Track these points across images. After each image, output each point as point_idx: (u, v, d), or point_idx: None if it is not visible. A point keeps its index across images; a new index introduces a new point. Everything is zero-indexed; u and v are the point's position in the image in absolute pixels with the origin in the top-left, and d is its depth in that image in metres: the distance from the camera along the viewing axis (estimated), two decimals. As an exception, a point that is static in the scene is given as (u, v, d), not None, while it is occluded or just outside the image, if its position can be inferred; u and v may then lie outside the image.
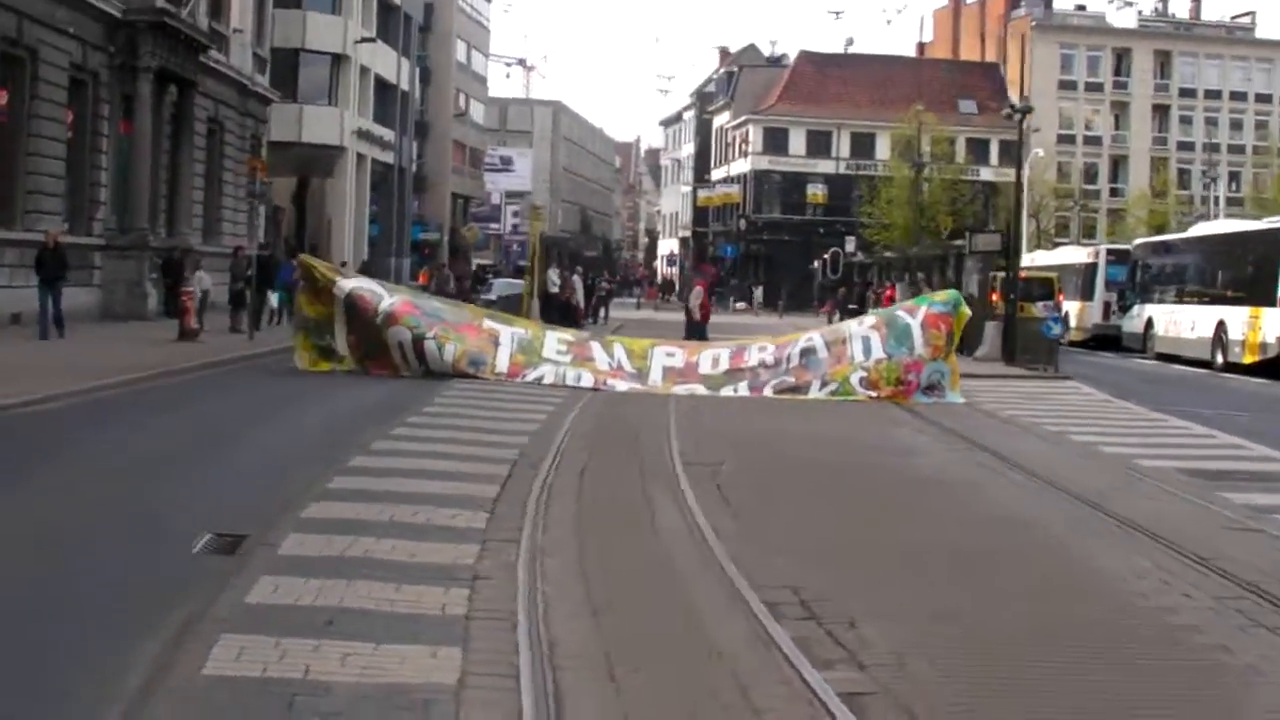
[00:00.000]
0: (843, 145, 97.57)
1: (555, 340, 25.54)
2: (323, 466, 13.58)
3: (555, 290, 46.41)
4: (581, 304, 49.27)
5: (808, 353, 24.82)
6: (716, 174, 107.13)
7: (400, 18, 70.99)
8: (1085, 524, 12.52)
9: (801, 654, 7.61)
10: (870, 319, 26.41)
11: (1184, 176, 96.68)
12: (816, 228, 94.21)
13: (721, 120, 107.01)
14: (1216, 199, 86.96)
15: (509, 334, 25.23)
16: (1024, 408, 24.25)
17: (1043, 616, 9.06)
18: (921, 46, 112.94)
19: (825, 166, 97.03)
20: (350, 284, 25.09)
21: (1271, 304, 33.19)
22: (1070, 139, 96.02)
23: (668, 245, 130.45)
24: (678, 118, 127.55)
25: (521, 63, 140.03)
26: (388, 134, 68.49)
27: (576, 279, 50.54)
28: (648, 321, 53.60)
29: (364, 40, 61.98)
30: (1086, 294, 46.99)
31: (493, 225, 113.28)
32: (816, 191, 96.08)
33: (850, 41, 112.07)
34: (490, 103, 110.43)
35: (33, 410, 17.38)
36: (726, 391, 24.09)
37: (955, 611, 8.98)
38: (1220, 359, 35.81)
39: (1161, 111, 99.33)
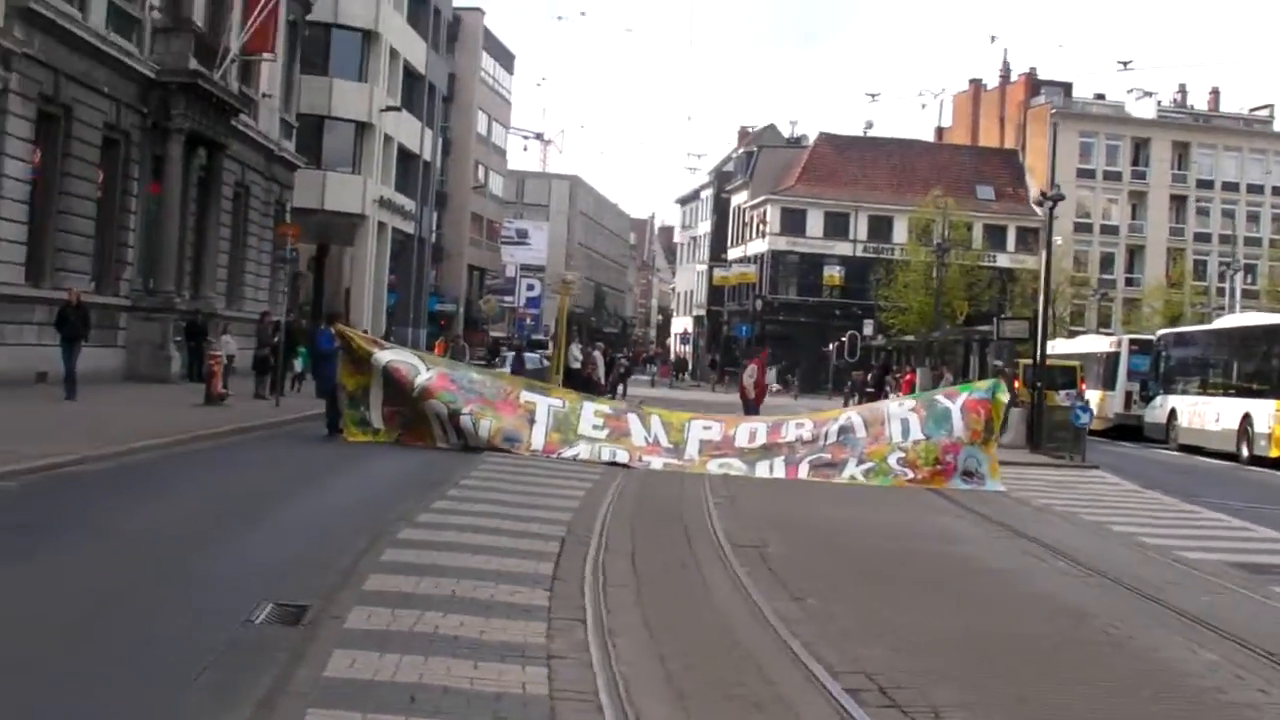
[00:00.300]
0: (860, 227, 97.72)
1: (592, 413, 25.44)
2: (369, 538, 13.45)
3: (577, 366, 46.28)
4: (602, 379, 49.12)
5: (845, 430, 24.74)
6: (733, 253, 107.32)
7: (425, 87, 71.44)
8: (1147, 616, 12.36)
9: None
10: (910, 401, 26.37)
11: (1200, 267, 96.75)
12: (833, 309, 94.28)
13: (739, 199, 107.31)
14: (1233, 291, 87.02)
15: (545, 407, 25.12)
16: (1055, 496, 24.12)
17: (1124, 712, 8.91)
18: (940, 131, 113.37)
19: (842, 248, 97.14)
20: (387, 356, 25.08)
21: (1299, 398, 33.07)
22: (1088, 227, 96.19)
23: (681, 323, 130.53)
24: (695, 196, 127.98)
25: (539, 137, 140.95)
26: (409, 203, 68.75)
27: (598, 354, 50.44)
28: (665, 399, 53.45)
29: (389, 109, 62.31)
30: (1108, 383, 46.89)
31: (506, 298, 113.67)
32: (833, 273, 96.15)
33: (870, 124, 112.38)
34: (508, 175, 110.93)
35: (67, 472, 17.23)
36: (762, 467, 23.99)
37: (1034, 702, 8.84)
38: (1245, 451, 35.63)
39: (1179, 202, 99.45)
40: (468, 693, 7.89)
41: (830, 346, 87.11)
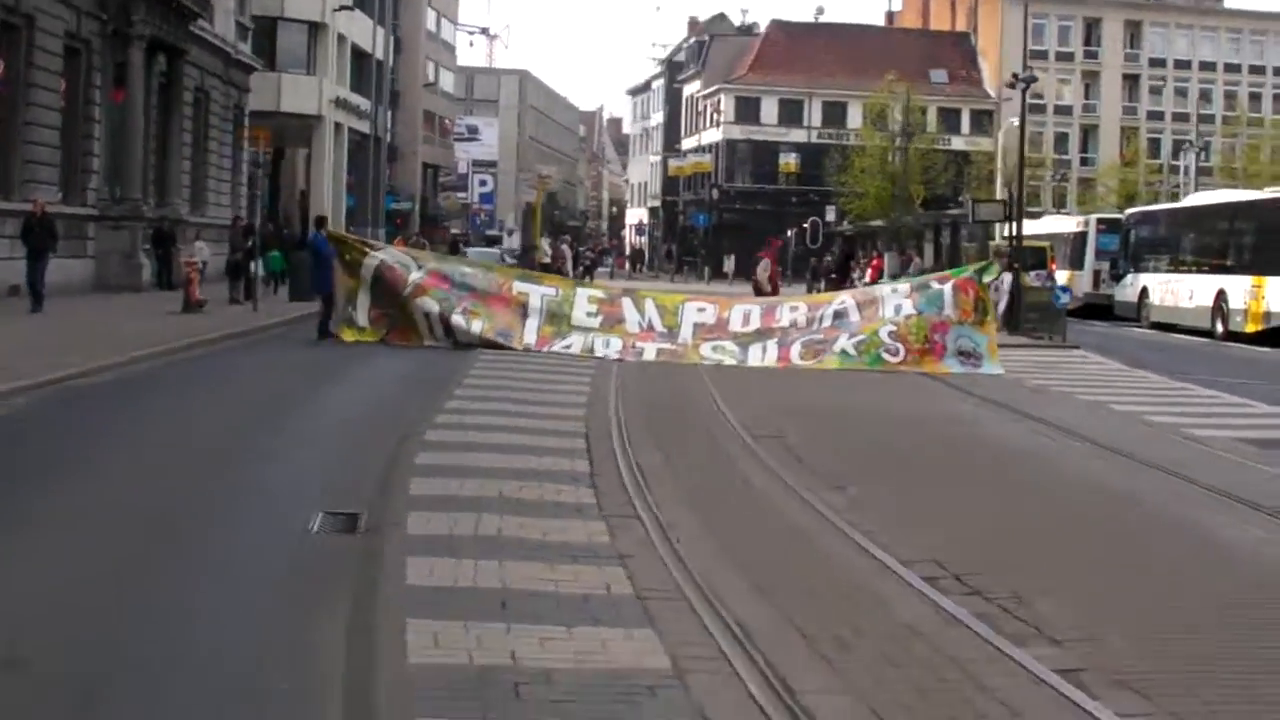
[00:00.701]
0: (814, 114, 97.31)
1: (586, 300, 25.42)
2: (395, 440, 13.38)
3: (547, 260, 46.20)
4: (570, 273, 49.06)
5: (840, 315, 24.78)
6: (687, 143, 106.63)
7: (376, -16, 70.25)
8: (1185, 496, 12.38)
9: (994, 631, 7.44)
10: (904, 286, 26.21)
11: (1154, 146, 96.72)
12: (789, 197, 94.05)
13: (692, 89, 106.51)
14: (1188, 169, 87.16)
15: (538, 297, 25.00)
16: (1046, 377, 24.11)
17: (1208, 594, 8.91)
18: (890, 15, 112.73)
19: (797, 135, 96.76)
20: (380, 256, 25.00)
21: (1276, 273, 33.15)
22: (1041, 108, 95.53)
23: (636, 214, 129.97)
24: (646, 87, 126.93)
25: (485, 31, 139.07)
26: (364, 103, 67.78)
27: (565, 248, 50.36)
28: (630, 290, 53.27)
29: (342, 8, 61.30)
30: (1076, 263, 46.90)
31: (459, 194, 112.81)
32: (789, 160, 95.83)
33: (821, 10, 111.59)
34: (458, 72, 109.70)
35: (72, 386, 16.92)
36: (754, 351, 24.01)
37: (1114, 588, 8.84)
38: (1220, 328, 35.80)
39: (1131, 81, 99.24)
40: (555, 595, 7.80)
41: (789, 234, 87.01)
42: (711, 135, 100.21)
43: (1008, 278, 28.65)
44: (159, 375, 19.08)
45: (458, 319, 24.07)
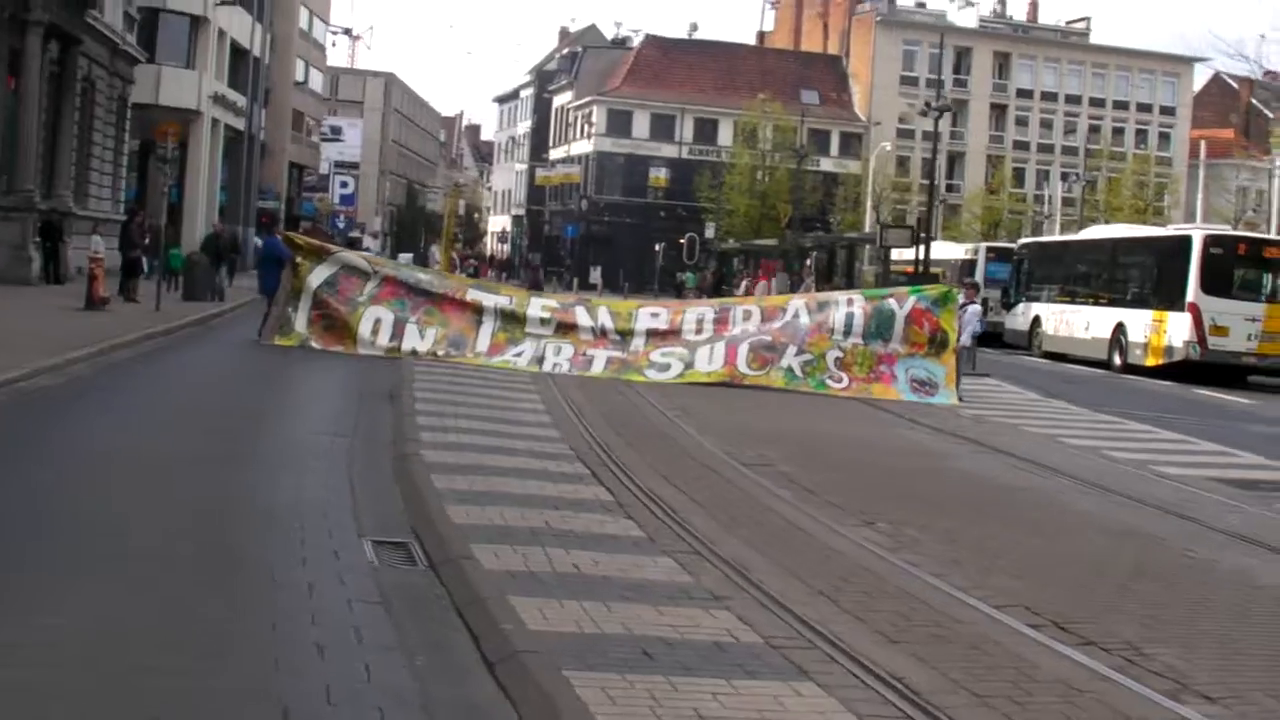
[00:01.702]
0: (686, 129, 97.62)
1: (540, 307, 25.18)
2: (392, 458, 12.98)
3: (437, 266, 45.54)
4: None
5: (793, 317, 24.55)
6: (556, 153, 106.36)
7: (255, -20, 68.87)
8: (1201, 538, 12.31)
9: (1150, 689, 7.24)
10: (860, 298, 25.88)
11: (1018, 175, 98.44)
12: (658, 211, 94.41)
13: (563, 100, 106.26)
14: (1050, 198, 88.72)
15: (492, 304, 24.78)
16: (974, 405, 24.05)
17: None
18: (762, 35, 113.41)
19: (669, 150, 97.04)
20: (341, 260, 24.74)
21: (1178, 309, 33.66)
22: (909, 134, 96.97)
23: (499, 222, 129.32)
24: (515, 95, 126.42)
25: (348, 32, 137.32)
26: (241, 100, 66.42)
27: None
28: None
29: (224, 3, 59.96)
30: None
31: (319, 195, 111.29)
32: (659, 175, 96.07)
33: (695, 27, 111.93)
34: (326, 72, 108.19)
35: (20, 389, 16.11)
36: (702, 353, 23.93)
37: (1215, 636, 8.70)
38: (1118, 359, 36.25)
39: (999, 111, 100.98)
40: (687, 643, 7.40)
41: (658, 248, 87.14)
42: (582, 146, 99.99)
43: (973, 308, 28.55)
44: (102, 378, 18.26)
45: (411, 327, 23.75)
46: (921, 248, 35.93)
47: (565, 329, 24.54)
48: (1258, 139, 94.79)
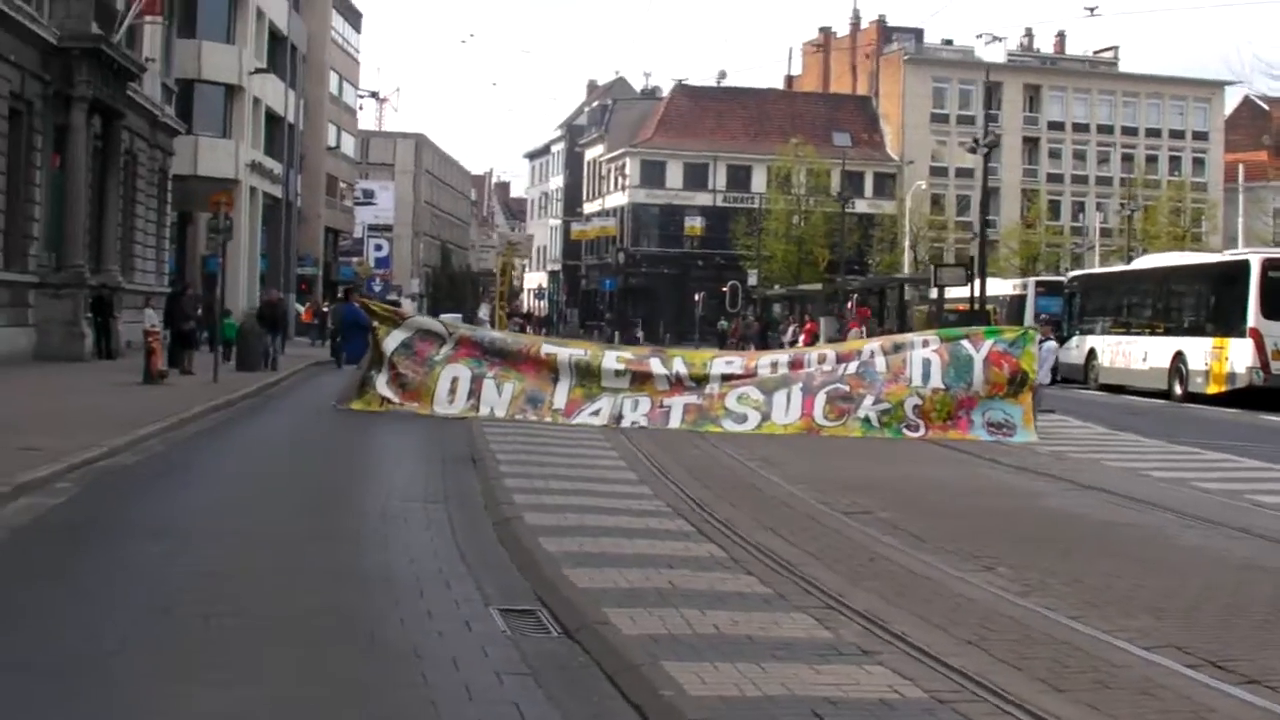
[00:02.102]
0: (719, 177, 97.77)
1: (614, 359, 25.17)
2: (494, 521, 12.88)
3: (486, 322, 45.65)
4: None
5: (866, 364, 24.38)
6: (590, 207, 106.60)
7: (287, 48, 69.27)
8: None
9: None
10: (934, 341, 25.58)
11: (1054, 208, 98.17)
12: (695, 260, 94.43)
13: (595, 153, 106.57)
14: (1087, 230, 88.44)
15: (567, 358, 24.85)
16: (1048, 442, 23.78)
17: None
18: (790, 80, 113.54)
19: (703, 199, 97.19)
20: (416, 325, 25.18)
21: (1239, 334, 33.33)
22: (943, 171, 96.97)
23: (536, 278, 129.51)
24: (545, 150, 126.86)
25: (375, 95, 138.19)
26: (277, 167, 66.76)
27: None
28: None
29: (258, 71, 60.34)
30: (1015, 325, 46.95)
31: (354, 259, 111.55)
32: (694, 224, 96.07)
33: (723, 74, 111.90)
34: (357, 135, 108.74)
35: (102, 467, 16.01)
36: (779, 398, 23.86)
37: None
38: (1179, 389, 35.91)
39: (1031, 144, 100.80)
40: (853, 702, 7.18)
41: (697, 297, 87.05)
42: (616, 199, 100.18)
43: (1049, 344, 28.31)
44: (180, 453, 18.15)
45: (489, 383, 23.88)
46: (976, 285, 35.72)
47: (640, 380, 24.50)
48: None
